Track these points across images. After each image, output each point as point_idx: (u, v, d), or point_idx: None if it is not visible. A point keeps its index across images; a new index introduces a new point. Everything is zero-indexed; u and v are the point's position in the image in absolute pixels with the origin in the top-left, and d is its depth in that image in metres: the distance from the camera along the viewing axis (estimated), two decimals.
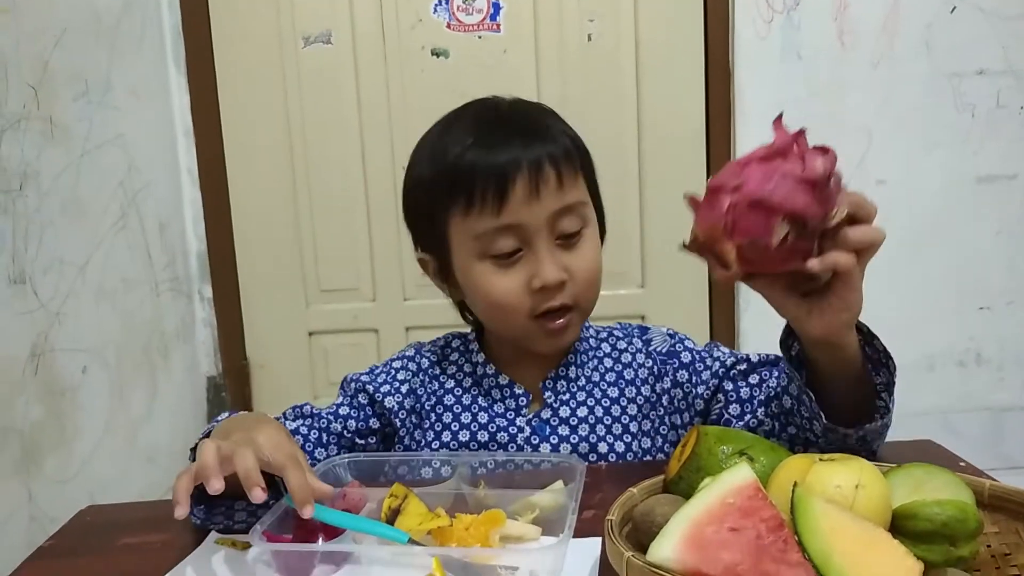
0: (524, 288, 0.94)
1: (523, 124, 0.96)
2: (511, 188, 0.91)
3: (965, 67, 2.00)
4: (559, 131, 0.97)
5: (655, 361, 1.06)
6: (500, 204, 0.91)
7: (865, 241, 0.80)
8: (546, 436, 1.01)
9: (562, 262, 0.94)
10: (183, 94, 1.99)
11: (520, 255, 0.94)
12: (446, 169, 0.94)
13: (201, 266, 2.06)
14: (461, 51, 2.02)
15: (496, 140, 0.93)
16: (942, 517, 0.64)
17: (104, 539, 0.89)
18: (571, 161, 0.95)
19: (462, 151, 0.93)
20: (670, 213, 2.09)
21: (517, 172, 0.91)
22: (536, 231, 0.93)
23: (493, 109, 0.99)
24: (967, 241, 2.06)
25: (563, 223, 0.94)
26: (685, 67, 2.05)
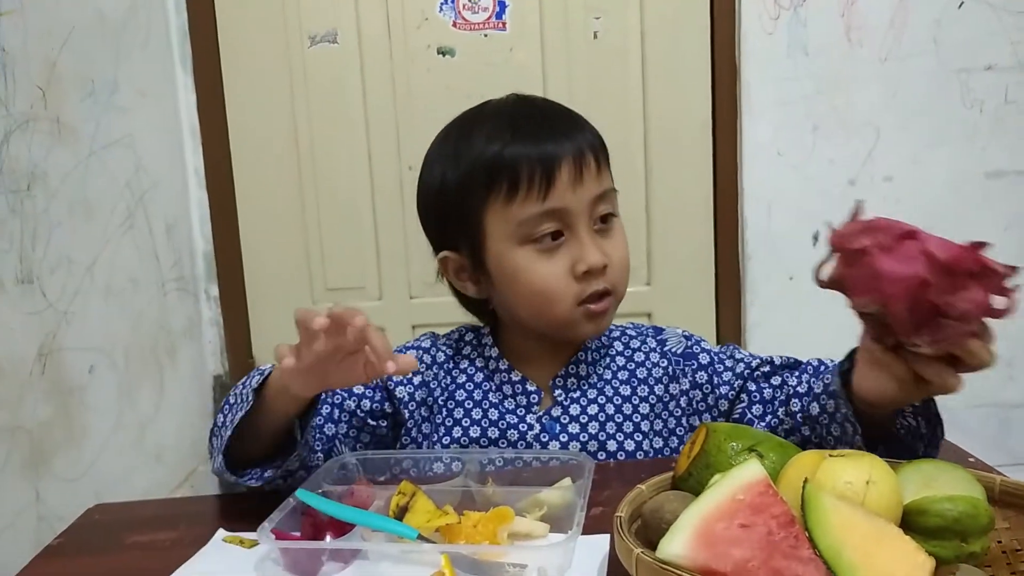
0: (568, 274, 0.96)
1: (558, 116, 1.01)
2: (558, 173, 0.94)
3: (973, 63, 1.99)
4: (587, 126, 1.01)
5: (670, 362, 1.06)
6: (547, 189, 0.95)
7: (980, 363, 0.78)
8: (556, 434, 1.01)
9: (601, 247, 0.97)
10: (190, 94, 2.00)
11: (562, 240, 0.96)
12: (484, 163, 0.96)
13: (208, 266, 2.06)
14: (467, 50, 2.02)
15: (540, 131, 0.97)
16: (953, 513, 0.64)
17: (112, 537, 0.90)
18: (604, 152, 1.00)
19: (503, 145, 0.96)
20: (676, 210, 2.09)
21: (563, 158, 0.95)
22: (578, 215, 0.96)
23: (528, 105, 1.03)
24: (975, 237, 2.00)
25: (600, 207, 0.98)
26: (691, 64, 2.04)
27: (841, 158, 2.02)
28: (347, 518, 0.78)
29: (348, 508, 0.79)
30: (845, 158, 2.02)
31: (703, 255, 2.11)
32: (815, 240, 2.05)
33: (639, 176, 2.08)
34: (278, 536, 0.77)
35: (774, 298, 2.06)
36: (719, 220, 2.09)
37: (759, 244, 2.05)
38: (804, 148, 2.01)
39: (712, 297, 2.12)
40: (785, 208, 2.03)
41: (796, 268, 2.05)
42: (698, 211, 2.09)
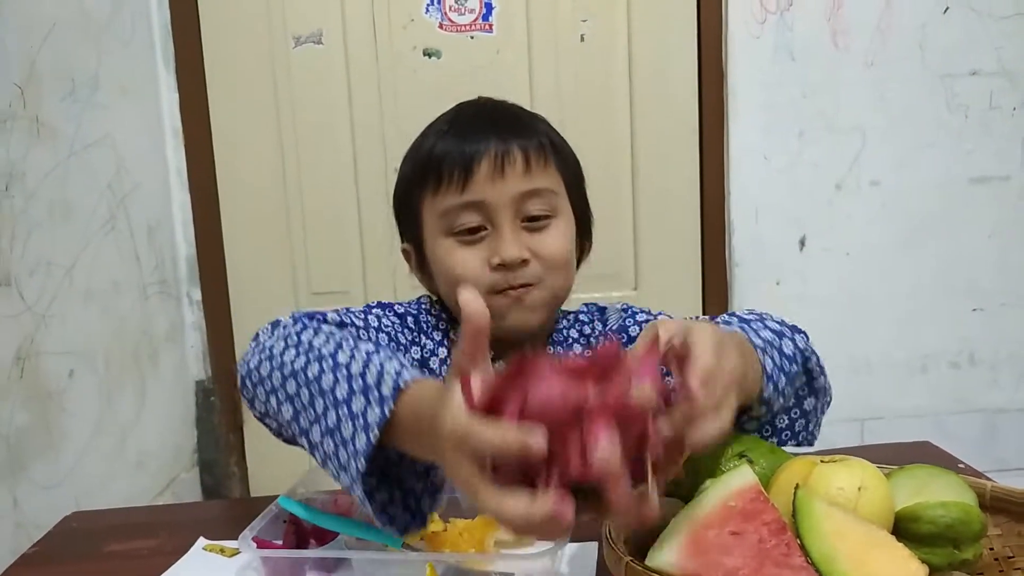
0: (484, 263, 0.94)
1: (499, 118, 0.99)
2: (476, 166, 0.94)
3: (958, 68, 2.00)
4: (540, 130, 0.99)
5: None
6: (464, 181, 0.94)
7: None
8: None
9: (525, 243, 0.95)
10: (172, 93, 1.97)
11: (484, 233, 0.95)
12: (420, 158, 0.98)
13: (190, 269, 2.04)
14: (453, 51, 2.01)
15: (469, 128, 0.96)
16: (946, 519, 0.63)
17: (90, 545, 0.88)
18: (542, 153, 0.97)
19: (436, 140, 0.97)
20: (663, 214, 2.09)
21: (484, 152, 0.94)
22: (499, 209, 0.94)
23: (474, 105, 1.02)
24: (960, 242, 2.06)
25: (529, 205, 0.95)
26: (678, 67, 2.04)
27: (827, 162, 2.02)
28: (330, 526, 0.76)
29: (331, 516, 0.77)
30: (831, 162, 2.02)
31: (690, 259, 2.10)
32: (802, 245, 2.05)
33: (626, 180, 2.07)
34: (260, 544, 0.75)
35: (761, 303, 2.05)
36: (706, 224, 2.08)
37: (746, 248, 2.05)
38: (790, 152, 2.01)
39: (699, 301, 2.12)
40: (772, 212, 2.03)
41: (783, 273, 2.05)
42: (685, 215, 2.09)
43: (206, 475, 2.05)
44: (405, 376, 0.66)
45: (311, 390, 0.72)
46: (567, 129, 1.05)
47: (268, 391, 0.78)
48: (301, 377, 0.74)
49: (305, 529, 0.79)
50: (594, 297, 2.04)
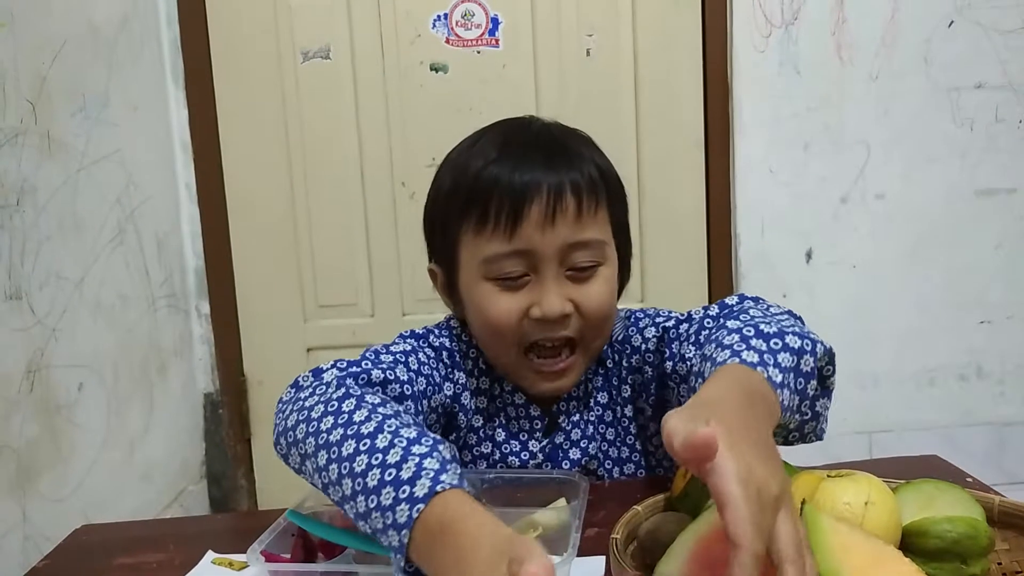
0: (522, 313, 0.90)
1: (550, 145, 0.93)
2: (526, 210, 0.88)
3: (963, 81, 2.00)
4: (588, 158, 0.93)
5: (641, 355, 0.98)
6: (513, 227, 0.88)
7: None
8: (558, 462, 0.98)
9: (568, 293, 0.90)
10: (181, 109, 1.99)
11: (526, 280, 0.90)
12: (465, 182, 0.92)
13: (199, 282, 2.05)
14: (460, 66, 2.03)
15: (519, 158, 0.90)
16: (953, 534, 0.63)
17: (99, 559, 0.88)
18: (595, 192, 0.91)
19: (484, 165, 0.91)
20: (669, 227, 2.09)
21: (535, 194, 0.88)
22: (546, 259, 0.89)
23: (524, 127, 0.96)
24: (967, 255, 2.06)
25: (576, 256, 0.90)
26: (684, 81, 2.05)
27: (833, 175, 2.02)
28: (338, 540, 0.76)
29: (339, 529, 0.78)
30: (837, 175, 2.02)
31: (696, 272, 2.11)
32: (808, 258, 2.05)
33: (631, 193, 2.06)
34: (268, 558, 0.76)
35: None
36: (712, 237, 2.09)
37: (752, 262, 2.05)
38: (796, 165, 2.02)
39: None
40: (778, 225, 2.03)
41: (789, 286, 2.05)
42: (691, 228, 2.09)
43: (214, 488, 2.06)
44: (443, 480, 0.63)
45: (342, 470, 0.69)
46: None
47: (302, 455, 0.75)
48: (334, 452, 0.71)
49: (313, 543, 0.79)
50: None
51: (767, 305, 0.92)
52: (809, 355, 0.78)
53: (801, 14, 1.97)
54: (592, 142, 0.97)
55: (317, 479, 0.73)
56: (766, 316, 0.85)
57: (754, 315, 0.84)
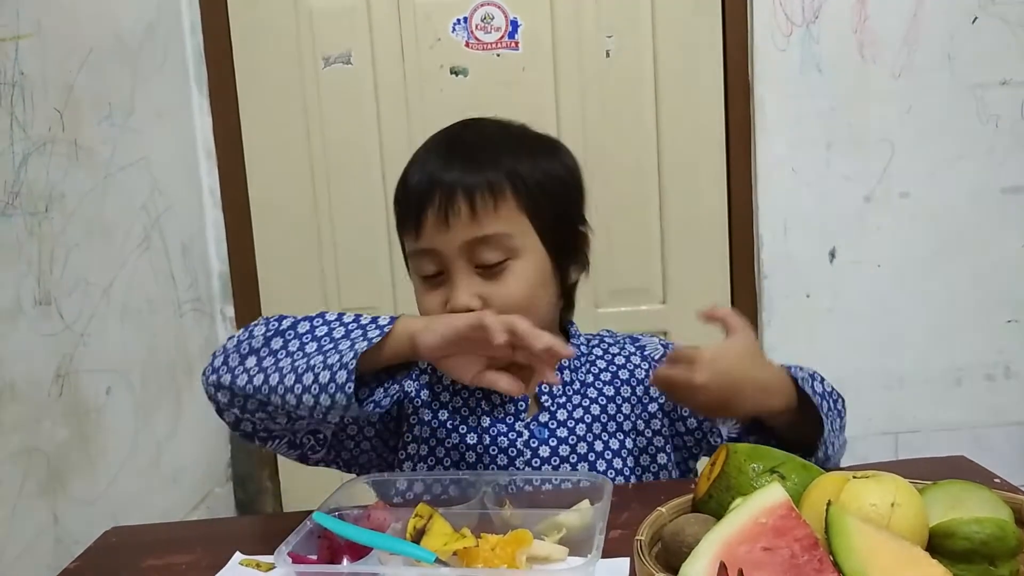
0: (442, 307, 0.96)
1: (464, 148, 0.98)
2: (424, 213, 0.94)
3: (988, 78, 1.98)
4: (494, 161, 0.96)
5: (651, 364, 1.08)
6: (417, 228, 0.96)
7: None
8: (545, 439, 1.03)
9: (478, 290, 0.95)
10: (205, 115, 2.01)
11: (442, 278, 0.96)
12: (398, 185, 1.01)
13: (223, 286, 2.07)
14: (480, 69, 2.03)
15: (429, 162, 0.97)
16: (981, 535, 0.62)
17: (129, 560, 0.89)
18: (495, 192, 0.94)
19: (407, 167, 1.00)
20: (691, 228, 2.08)
21: (428, 197, 0.94)
22: (450, 258, 0.95)
23: (452, 131, 1.03)
24: (993, 253, 2.03)
25: (480, 253, 0.95)
26: (704, 81, 2.04)
27: (856, 174, 2.01)
28: (364, 541, 0.77)
29: (365, 531, 0.78)
30: (860, 174, 2.01)
31: (718, 273, 2.10)
32: (831, 257, 2.04)
33: (653, 193, 2.07)
34: (295, 559, 0.76)
35: (791, 316, 2.05)
36: (734, 238, 2.08)
37: (775, 262, 2.04)
38: (819, 165, 2.01)
39: None
40: (801, 225, 2.02)
41: (813, 286, 2.04)
42: (713, 229, 2.08)
43: (239, 490, 2.07)
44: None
45: (302, 340, 0.88)
46: (592, 145, 1.05)
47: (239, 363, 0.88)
48: (289, 333, 0.89)
49: (339, 544, 0.80)
50: (621, 311, 2.07)
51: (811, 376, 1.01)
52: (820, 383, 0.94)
53: (822, 12, 1.96)
54: (528, 142, 1.01)
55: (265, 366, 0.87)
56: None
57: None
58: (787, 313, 2.04)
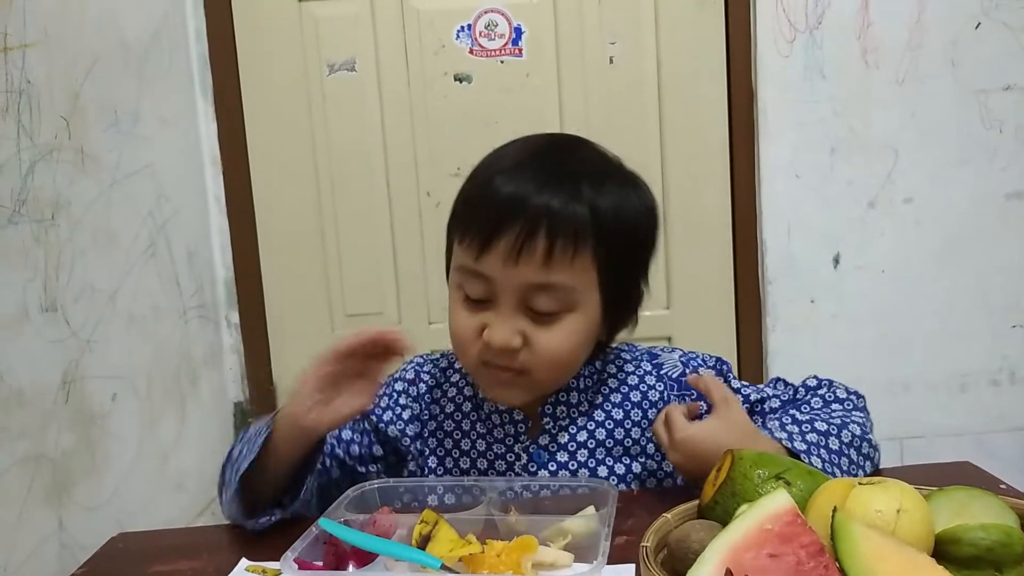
0: (478, 331, 0.91)
1: (554, 173, 0.89)
2: (495, 241, 0.87)
3: (991, 83, 1.98)
4: (587, 198, 0.88)
5: (666, 386, 1.02)
6: (480, 250, 0.88)
7: None
8: (544, 463, 0.99)
9: (522, 329, 0.90)
10: (210, 123, 2.02)
11: (487, 304, 0.91)
12: (469, 185, 0.94)
13: (228, 293, 2.08)
14: (484, 76, 2.04)
15: (516, 180, 0.88)
16: (987, 542, 0.62)
17: (135, 567, 0.89)
18: (575, 236, 0.87)
19: (488, 175, 0.91)
20: (694, 234, 2.09)
21: (508, 226, 0.86)
22: (506, 291, 0.89)
23: (551, 146, 0.96)
24: (997, 258, 2.03)
25: (537, 299, 0.89)
26: (708, 87, 2.05)
27: (860, 180, 2.01)
28: (369, 547, 0.77)
29: (370, 537, 0.78)
30: (864, 180, 2.01)
31: (723, 279, 2.10)
32: (836, 263, 2.04)
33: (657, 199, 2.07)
34: (301, 566, 0.76)
35: (795, 321, 2.05)
36: (738, 244, 2.08)
37: (779, 267, 2.04)
38: (822, 170, 2.01)
39: (732, 320, 2.11)
40: (805, 231, 2.02)
41: (817, 291, 2.04)
42: (717, 235, 2.08)
43: None
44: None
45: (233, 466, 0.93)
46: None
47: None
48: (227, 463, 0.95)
49: (345, 551, 0.80)
50: None
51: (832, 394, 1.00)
52: (836, 438, 0.91)
53: (825, 18, 1.96)
54: (615, 177, 0.93)
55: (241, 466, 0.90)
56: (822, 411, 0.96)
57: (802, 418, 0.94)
58: (791, 318, 2.04)
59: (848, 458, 0.90)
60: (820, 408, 0.98)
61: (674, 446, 0.88)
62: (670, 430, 0.88)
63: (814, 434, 0.90)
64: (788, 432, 0.90)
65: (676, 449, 0.88)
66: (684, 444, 0.87)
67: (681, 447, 0.87)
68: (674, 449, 0.88)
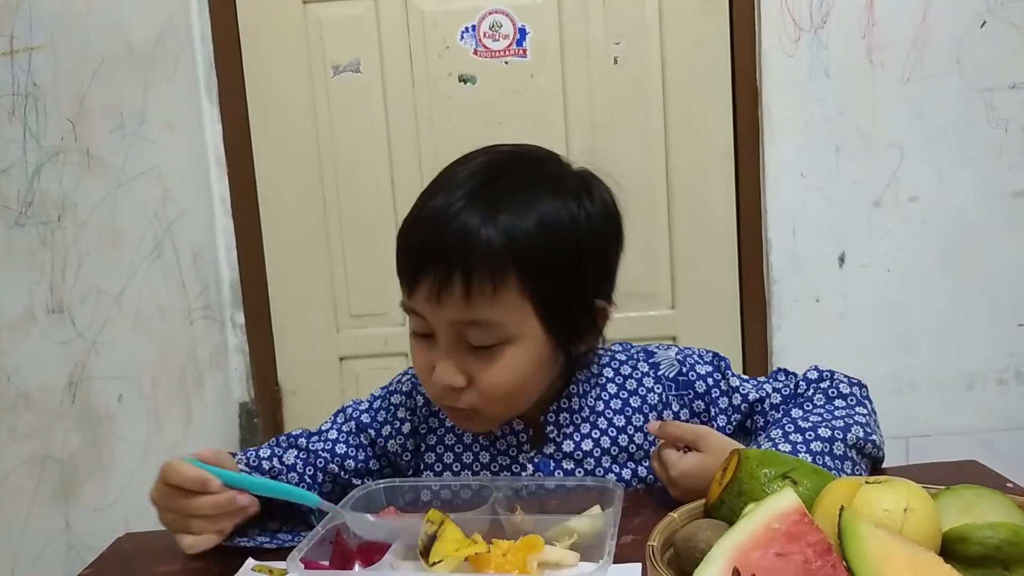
0: (431, 369, 0.89)
1: (466, 204, 0.86)
2: (419, 281, 0.86)
3: (997, 82, 1.97)
4: (505, 226, 0.84)
5: (664, 387, 1.01)
6: (410, 290, 0.88)
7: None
8: (550, 473, 0.98)
9: (466, 367, 0.88)
10: (216, 124, 2.03)
11: (432, 340, 0.89)
12: (403, 223, 0.93)
13: (234, 293, 2.08)
14: (488, 77, 2.04)
15: (428, 219, 0.87)
16: (995, 541, 0.62)
17: (141, 567, 0.90)
18: (495, 276, 0.84)
19: (410, 215, 0.91)
20: (699, 233, 2.08)
21: (424, 270, 0.85)
22: (439, 329, 0.88)
23: (464, 171, 0.90)
24: (1003, 257, 2.02)
25: (470, 334, 0.87)
26: (712, 87, 2.05)
27: (865, 179, 2.00)
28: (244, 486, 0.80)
29: (244, 477, 0.82)
30: (869, 179, 2.00)
31: (728, 278, 2.10)
32: (841, 261, 2.03)
33: (661, 200, 2.07)
34: (307, 565, 0.76)
35: (800, 320, 2.04)
36: (743, 243, 2.08)
37: (784, 266, 2.03)
38: (828, 169, 2.00)
39: (738, 320, 2.11)
40: (810, 230, 2.02)
41: (823, 290, 2.03)
42: (722, 234, 2.08)
43: None
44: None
45: None
46: (601, 151, 1.00)
47: None
48: None
49: (351, 550, 0.80)
50: (630, 317, 2.07)
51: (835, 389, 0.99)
52: (841, 442, 0.89)
53: (830, 18, 1.96)
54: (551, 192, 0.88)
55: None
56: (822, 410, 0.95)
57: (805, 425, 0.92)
58: (797, 317, 2.04)
59: (852, 461, 0.89)
60: (823, 405, 0.97)
61: (672, 484, 0.88)
62: (665, 468, 0.89)
63: (818, 442, 0.89)
64: (792, 443, 0.89)
65: (675, 486, 0.88)
66: (682, 481, 0.87)
67: (679, 484, 0.88)
68: (673, 487, 0.89)
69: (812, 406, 0.97)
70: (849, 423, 0.92)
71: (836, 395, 0.98)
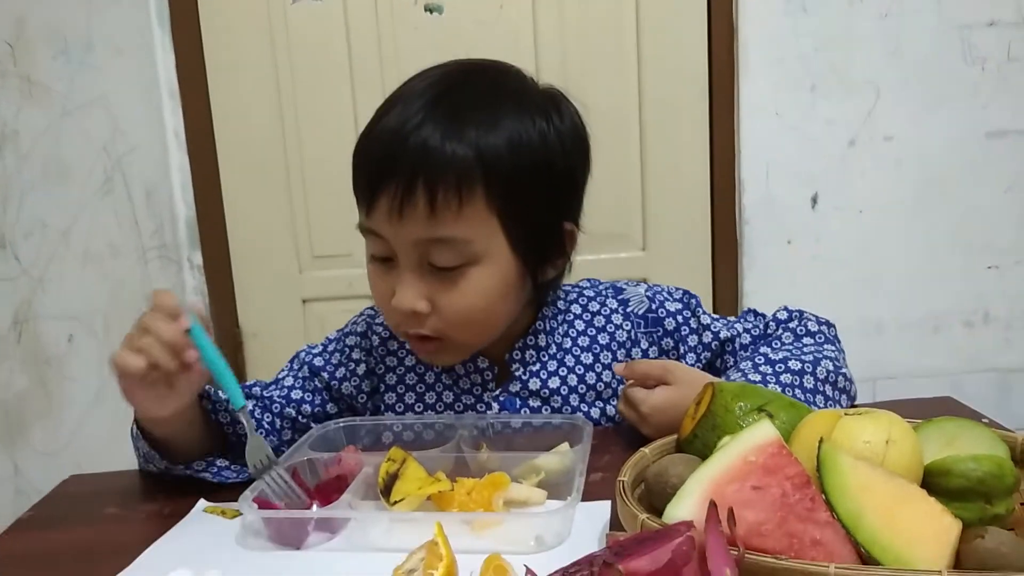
0: (390, 296, 0.85)
1: (433, 115, 0.81)
2: (378, 197, 0.81)
3: (975, 18, 1.93)
4: (472, 139, 0.81)
5: (633, 324, 0.98)
6: (368, 208, 0.83)
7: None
8: (516, 411, 0.95)
9: (427, 291, 0.84)
10: (168, 53, 1.92)
11: (392, 263, 0.85)
12: (359, 138, 0.87)
13: (190, 232, 2.00)
14: (456, 7, 1.96)
15: (392, 130, 0.82)
16: (978, 473, 0.60)
17: (88, 509, 0.86)
18: (462, 189, 0.80)
19: (369, 126, 0.86)
20: (672, 174, 2.04)
21: (385, 182, 0.81)
22: (400, 250, 0.84)
23: (436, 83, 0.86)
24: (976, 198, 2.01)
25: (434, 254, 0.83)
26: (687, 23, 1.98)
27: (841, 118, 1.97)
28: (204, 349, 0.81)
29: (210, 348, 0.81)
30: (845, 118, 1.97)
31: (699, 219, 2.06)
32: (814, 203, 2.00)
33: (634, 138, 2.02)
34: (261, 505, 0.73)
35: (772, 263, 2.02)
36: (715, 183, 2.04)
37: (757, 207, 2.00)
38: (802, 108, 1.96)
39: (709, 261, 2.08)
40: (783, 170, 1.99)
41: (795, 232, 2.01)
42: (694, 173, 2.04)
43: None
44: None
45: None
46: (572, 86, 0.94)
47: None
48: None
49: (308, 490, 0.77)
50: (601, 259, 2.03)
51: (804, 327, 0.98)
52: (811, 375, 0.88)
53: None
54: (518, 107, 0.84)
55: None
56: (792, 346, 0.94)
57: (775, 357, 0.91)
58: (768, 259, 2.02)
59: (823, 395, 0.88)
60: (791, 343, 0.96)
61: (644, 421, 0.86)
62: (634, 407, 0.86)
63: (788, 374, 0.87)
64: (762, 374, 0.87)
65: (646, 423, 0.86)
66: (652, 416, 0.85)
67: (650, 420, 0.85)
68: (646, 423, 0.86)
69: (780, 344, 0.96)
70: (819, 357, 0.90)
71: (804, 333, 0.97)
